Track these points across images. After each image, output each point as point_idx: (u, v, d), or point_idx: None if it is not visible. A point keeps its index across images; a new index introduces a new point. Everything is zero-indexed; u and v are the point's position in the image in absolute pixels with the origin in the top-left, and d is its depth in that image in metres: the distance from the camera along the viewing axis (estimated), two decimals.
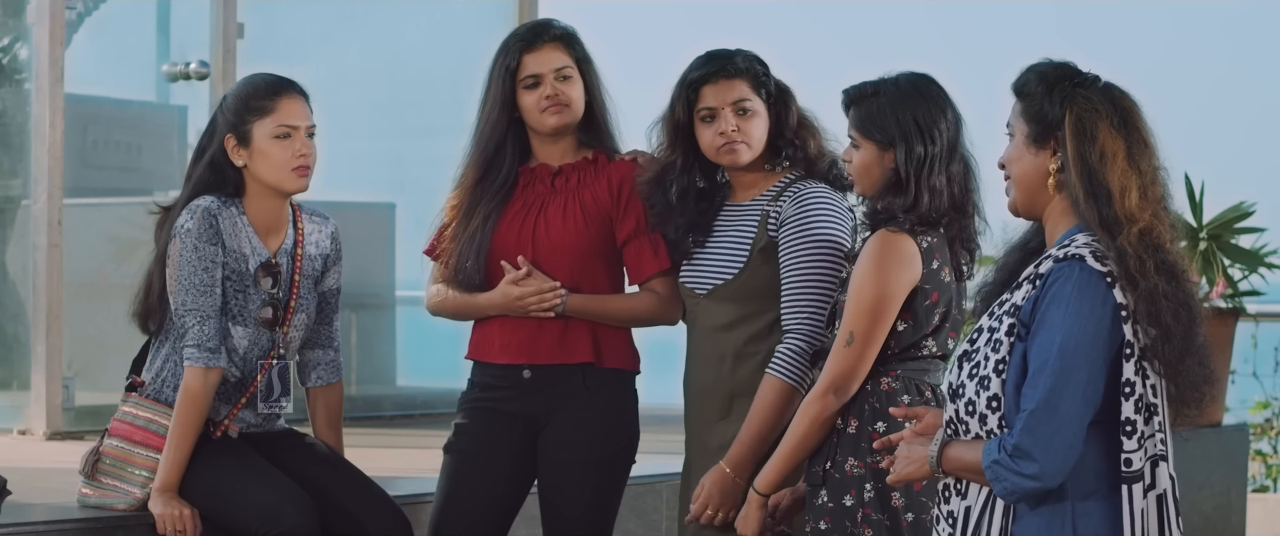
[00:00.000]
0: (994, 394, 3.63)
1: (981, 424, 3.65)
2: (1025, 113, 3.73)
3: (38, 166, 7.31)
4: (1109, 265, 3.61)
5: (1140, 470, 3.60)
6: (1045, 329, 3.59)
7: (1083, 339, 3.57)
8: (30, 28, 7.42)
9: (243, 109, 4.93)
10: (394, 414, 8.46)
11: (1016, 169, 3.74)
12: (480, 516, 4.99)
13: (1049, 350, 3.57)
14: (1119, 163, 3.65)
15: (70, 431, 7.31)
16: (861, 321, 4.35)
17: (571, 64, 4.96)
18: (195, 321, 4.85)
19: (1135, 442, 3.59)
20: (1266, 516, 9.14)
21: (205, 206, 4.87)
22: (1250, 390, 9.90)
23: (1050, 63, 3.75)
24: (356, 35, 8.64)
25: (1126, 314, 3.60)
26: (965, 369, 3.70)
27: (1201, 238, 8.14)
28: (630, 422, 5.03)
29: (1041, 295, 3.62)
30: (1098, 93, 3.69)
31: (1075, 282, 3.60)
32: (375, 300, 8.64)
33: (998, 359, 3.64)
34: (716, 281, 4.79)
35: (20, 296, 7.45)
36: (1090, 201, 3.64)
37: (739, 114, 4.74)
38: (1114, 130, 3.66)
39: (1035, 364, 3.59)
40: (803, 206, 4.71)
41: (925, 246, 4.38)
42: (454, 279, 5.01)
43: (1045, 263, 3.66)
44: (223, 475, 4.86)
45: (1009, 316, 3.66)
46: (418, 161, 8.53)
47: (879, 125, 4.40)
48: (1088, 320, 3.58)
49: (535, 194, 5.01)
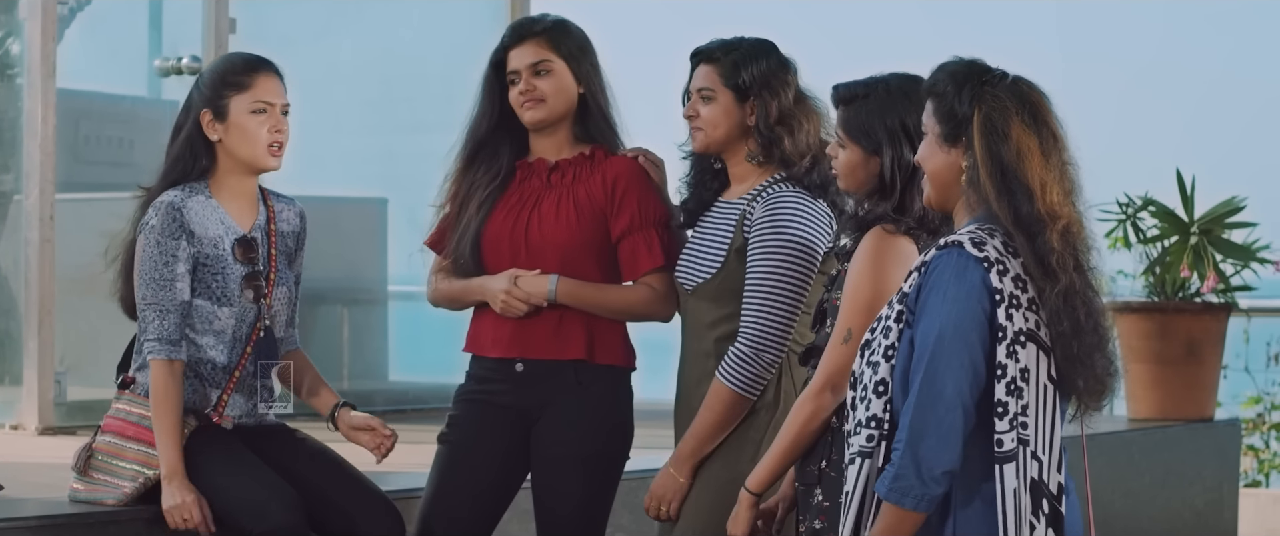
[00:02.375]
0: (882, 378, 3.73)
1: (866, 408, 3.74)
2: (936, 112, 3.80)
3: (30, 161, 7.31)
4: (986, 251, 3.67)
5: (1013, 451, 3.67)
6: (926, 315, 3.68)
7: (960, 323, 3.65)
8: (22, 23, 7.42)
9: (220, 84, 4.96)
10: (386, 409, 8.45)
11: (929, 166, 3.83)
12: (469, 508, 5.00)
13: (929, 337, 3.66)
14: (1035, 159, 3.72)
15: (62, 426, 7.32)
16: (858, 318, 4.34)
17: (551, 59, 4.97)
18: (155, 315, 4.88)
19: (1007, 423, 3.66)
20: (1258, 511, 9.15)
21: (169, 201, 4.91)
22: (1242, 385, 9.91)
23: (960, 61, 3.82)
24: (348, 30, 8.64)
25: (1001, 298, 3.66)
26: (864, 356, 3.79)
27: (1193, 232, 8.15)
28: (624, 419, 5.03)
29: (924, 282, 3.71)
30: (1006, 89, 3.75)
31: (953, 269, 3.68)
32: (367, 295, 8.64)
33: (887, 344, 3.73)
34: (699, 278, 4.81)
35: (12, 291, 7.45)
36: (1004, 199, 3.70)
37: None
38: (1026, 126, 3.72)
39: (917, 351, 3.68)
40: (771, 209, 4.71)
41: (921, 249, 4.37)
42: (453, 266, 5.03)
43: (930, 251, 3.74)
44: (211, 470, 4.86)
45: (898, 303, 3.75)
46: (410, 157, 8.53)
47: (866, 131, 4.38)
48: (963, 304, 3.66)
49: (531, 188, 5.01)
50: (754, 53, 4.81)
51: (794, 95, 4.81)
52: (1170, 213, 8.23)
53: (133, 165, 7.75)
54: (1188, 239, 8.15)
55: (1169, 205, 8.26)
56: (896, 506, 3.66)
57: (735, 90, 4.79)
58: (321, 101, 7.71)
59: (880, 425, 3.74)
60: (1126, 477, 7.78)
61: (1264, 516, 9.17)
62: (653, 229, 4.95)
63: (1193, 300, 8.16)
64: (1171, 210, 8.24)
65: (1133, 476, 7.78)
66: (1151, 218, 8.24)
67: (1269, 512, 9.20)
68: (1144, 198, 8.24)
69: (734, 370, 4.69)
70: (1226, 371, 9.11)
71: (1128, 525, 7.79)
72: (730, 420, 4.71)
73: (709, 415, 4.72)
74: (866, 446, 3.75)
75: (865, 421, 3.76)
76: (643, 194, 4.96)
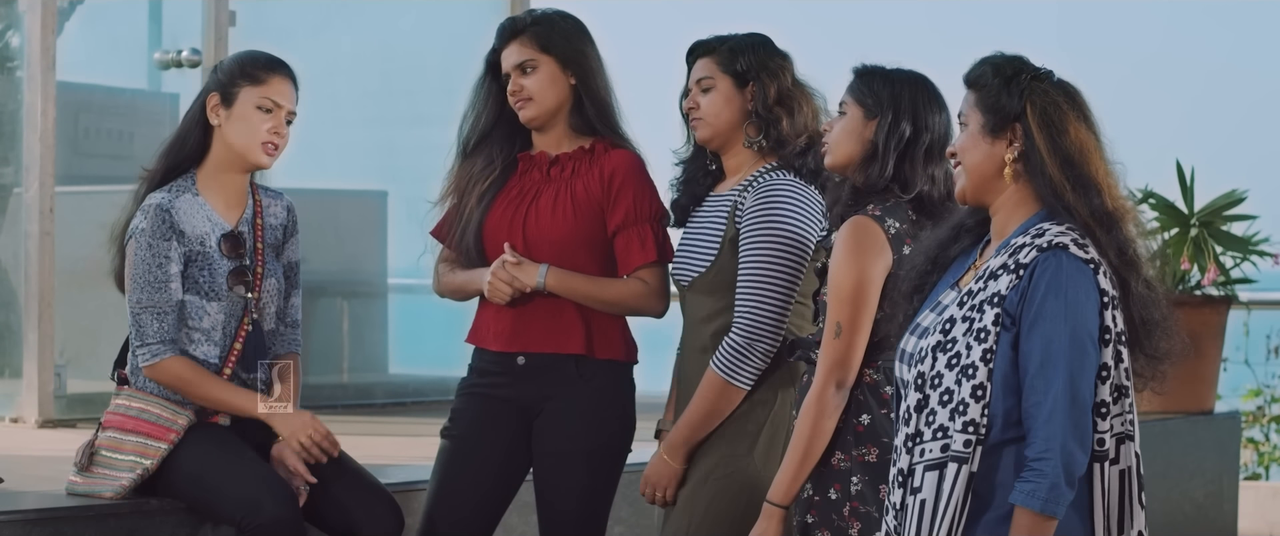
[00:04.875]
0: (980, 383, 3.66)
1: (961, 413, 3.67)
2: (980, 103, 3.78)
3: (30, 154, 7.31)
4: (1090, 252, 3.67)
5: (1108, 449, 3.70)
6: (1047, 320, 3.63)
7: (1087, 327, 3.64)
8: (22, 15, 7.42)
9: (237, 72, 5.01)
10: (386, 402, 8.46)
11: (969, 158, 3.79)
12: (473, 502, 5.00)
13: (1058, 341, 3.62)
14: (1097, 157, 3.72)
15: (62, 419, 7.32)
16: (844, 310, 4.34)
17: (535, 57, 4.96)
18: (153, 319, 4.90)
19: (1107, 423, 3.69)
20: (1258, 504, 9.14)
21: (156, 203, 4.93)
22: (1242, 378, 9.91)
23: (1003, 56, 3.81)
24: (348, 23, 8.64)
25: (1107, 301, 3.67)
26: (942, 359, 3.71)
27: (1193, 224, 8.15)
28: (625, 412, 5.02)
29: (1030, 285, 3.66)
30: (1053, 87, 3.75)
31: (1068, 272, 3.65)
32: (367, 288, 8.64)
33: (985, 348, 3.67)
34: (695, 273, 4.80)
35: (12, 284, 7.45)
36: (1078, 192, 3.69)
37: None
38: (1081, 123, 3.73)
39: (1039, 356, 3.63)
40: (762, 198, 4.71)
41: (893, 232, 4.36)
42: (458, 257, 5.04)
43: (1025, 252, 3.69)
44: (207, 464, 4.87)
45: (991, 306, 3.68)
46: (409, 150, 8.53)
47: (873, 93, 4.40)
48: (1085, 308, 3.64)
49: (531, 181, 5.01)
50: (749, 41, 4.82)
51: (791, 79, 4.82)
52: (1170, 205, 8.23)
53: (133, 158, 7.72)
54: (1188, 231, 8.14)
55: (1169, 197, 8.25)
56: (1043, 515, 3.61)
57: (734, 76, 4.79)
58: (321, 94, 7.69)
59: (978, 429, 3.67)
60: None
61: (1264, 509, 9.16)
62: (647, 224, 4.95)
63: (1193, 293, 8.16)
64: (1171, 202, 8.24)
65: None
66: (1151, 210, 8.24)
67: (1269, 505, 9.19)
68: (1144, 190, 8.24)
69: (727, 360, 4.69)
70: (1226, 364, 9.11)
71: None
72: (722, 409, 4.72)
73: (702, 403, 4.73)
74: (963, 452, 3.66)
75: (961, 427, 3.67)
76: (639, 189, 4.96)
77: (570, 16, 5.04)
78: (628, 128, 5.04)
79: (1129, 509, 3.74)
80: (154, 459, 4.89)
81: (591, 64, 5.01)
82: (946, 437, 3.69)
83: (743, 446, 4.72)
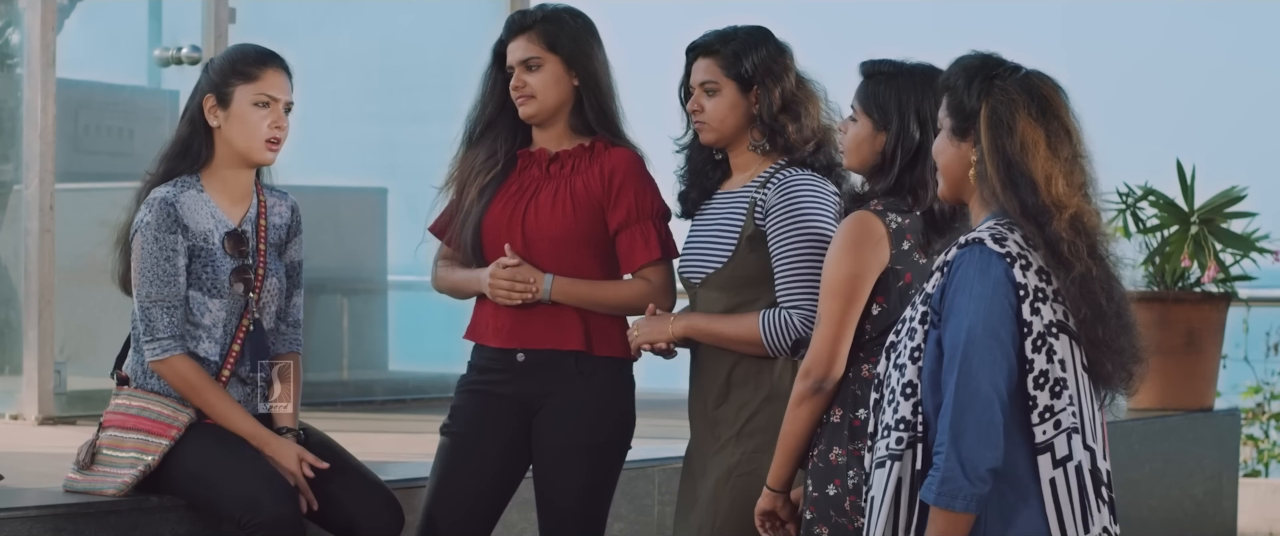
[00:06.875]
0: (909, 380, 3.73)
1: (894, 411, 3.74)
2: (949, 106, 3.84)
3: (30, 151, 7.31)
4: (1008, 246, 3.70)
5: (1048, 442, 3.70)
6: (954, 315, 3.69)
7: (988, 320, 3.67)
8: (22, 12, 7.42)
9: (228, 71, 4.99)
10: (386, 398, 8.47)
11: (942, 160, 3.86)
12: (472, 499, 5.00)
13: (959, 336, 3.67)
14: (1040, 152, 3.74)
15: (62, 416, 7.32)
16: (828, 303, 4.35)
17: (540, 54, 4.96)
18: (162, 312, 4.89)
19: (1038, 417, 3.70)
20: (1258, 501, 9.15)
21: (161, 197, 4.93)
22: (1242, 375, 9.92)
23: (975, 55, 3.85)
24: (348, 20, 8.64)
25: (1025, 293, 3.69)
26: (891, 359, 3.81)
27: (1193, 222, 8.16)
28: (625, 409, 5.02)
29: (948, 282, 3.72)
30: (1016, 84, 3.78)
31: (976, 266, 3.70)
32: (367, 285, 8.65)
33: (913, 346, 3.75)
34: (708, 270, 4.78)
35: (12, 281, 7.46)
36: (1010, 191, 3.73)
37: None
38: (1032, 120, 3.75)
39: (948, 351, 3.69)
40: (787, 194, 4.69)
41: (894, 227, 4.36)
42: (457, 252, 5.04)
43: (951, 250, 3.76)
44: (207, 461, 4.87)
45: (923, 304, 3.76)
46: (409, 146, 8.54)
47: (880, 105, 4.40)
48: (990, 301, 3.68)
49: (530, 177, 5.01)
50: (752, 41, 4.79)
51: (795, 79, 4.81)
52: (1170, 202, 8.23)
53: (132, 155, 7.75)
54: (1188, 228, 8.15)
55: (1169, 195, 8.26)
56: (947, 510, 3.65)
57: (738, 80, 4.77)
58: (321, 91, 7.70)
59: (911, 427, 3.74)
60: (1126, 467, 7.77)
61: (1263, 506, 9.17)
62: (650, 222, 4.95)
63: (1192, 290, 8.16)
64: (1171, 200, 8.24)
65: (1132, 466, 7.78)
66: (1151, 207, 8.24)
67: (1268, 502, 9.20)
68: (1144, 187, 8.24)
69: (771, 320, 4.64)
70: (1226, 361, 9.12)
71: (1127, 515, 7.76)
72: (737, 345, 4.67)
73: (726, 328, 4.68)
74: (897, 449, 3.75)
75: (894, 424, 3.75)
76: (640, 187, 4.95)
77: (580, 15, 5.03)
78: (629, 130, 5.04)
79: (1089, 505, 3.73)
80: (155, 455, 4.89)
81: (596, 66, 5.00)
82: (887, 436, 3.77)
83: (766, 444, 4.70)
